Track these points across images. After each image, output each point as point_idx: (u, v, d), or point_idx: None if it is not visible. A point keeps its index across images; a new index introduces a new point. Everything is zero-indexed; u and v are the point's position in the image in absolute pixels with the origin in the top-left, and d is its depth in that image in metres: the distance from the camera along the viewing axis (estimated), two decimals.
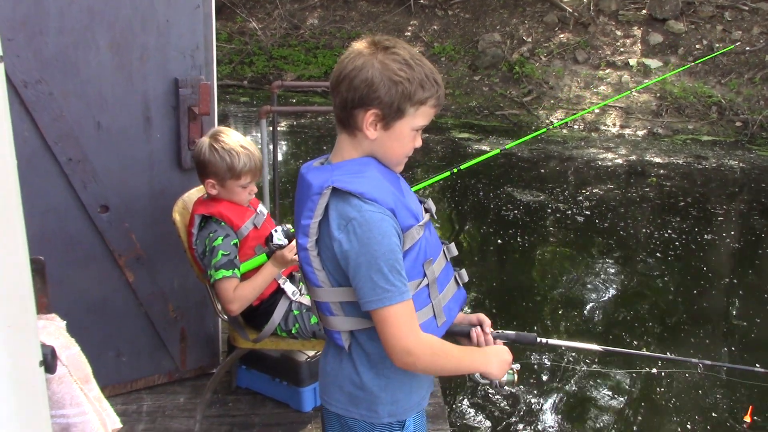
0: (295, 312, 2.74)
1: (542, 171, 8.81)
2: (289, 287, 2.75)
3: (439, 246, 1.80)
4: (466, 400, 4.11)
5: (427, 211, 1.79)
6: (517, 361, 1.90)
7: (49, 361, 1.20)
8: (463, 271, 1.90)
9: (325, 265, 1.66)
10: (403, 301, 1.60)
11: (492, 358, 1.79)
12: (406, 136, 1.67)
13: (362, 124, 1.63)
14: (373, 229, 1.57)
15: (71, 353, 1.55)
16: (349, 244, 1.58)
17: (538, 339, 1.97)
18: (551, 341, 2.04)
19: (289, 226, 2.76)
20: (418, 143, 1.72)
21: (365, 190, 1.60)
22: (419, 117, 1.65)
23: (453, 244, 1.87)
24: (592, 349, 2.24)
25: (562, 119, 11.06)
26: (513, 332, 1.95)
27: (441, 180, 4.27)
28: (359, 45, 1.64)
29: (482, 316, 1.93)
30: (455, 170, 3.93)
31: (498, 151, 4.37)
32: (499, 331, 1.94)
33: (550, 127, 5.53)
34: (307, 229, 1.63)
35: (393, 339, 1.61)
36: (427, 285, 1.70)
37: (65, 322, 1.65)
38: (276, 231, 2.71)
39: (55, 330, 1.59)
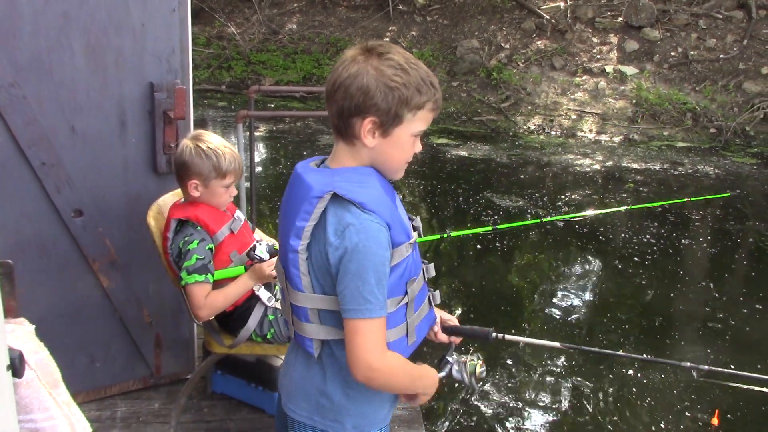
0: (270, 317, 2.74)
1: (521, 177, 8.86)
2: (264, 293, 2.74)
3: (420, 265, 1.80)
4: (441, 404, 4.12)
5: (414, 229, 1.78)
6: (491, 363, 1.89)
7: (17, 365, 1.20)
8: (437, 293, 1.90)
9: (311, 271, 1.64)
10: (380, 317, 1.59)
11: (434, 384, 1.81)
12: (406, 142, 1.65)
13: (360, 133, 1.61)
14: (369, 238, 1.56)
15: (40, 357, 1.54)
16: (343, 249, 1.56)
17: (493, 334, 1.92)
18: (508, 337, 1.98)
19: (273, 241, 2.76)
20: (418, 148, 1.70)
21: (365, 201, 1.58)
22: (417, 122, 1.63)
23: (432, 264, 1.86)
24: (552, 346, 2.19)
25: (539, 125, 11.14)
26: (468, 327, 1.93)
27: (430, 240, 4.35)
28: (353, 52, 1.62)
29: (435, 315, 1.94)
30: (445, 235, 3.94)
31: (490, 228, 4.42)
32: (455, 326, 1.93)
33: (543, 220, 5.54)
34: (301, 231, 1.61)
35: (359, 352, 1.60)
36: (406, 303, 1.70)
37: (34, 326, 1.63)
38: (260, 243, 2.71)
39: (23, 334, 1.58)
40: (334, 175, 1.62)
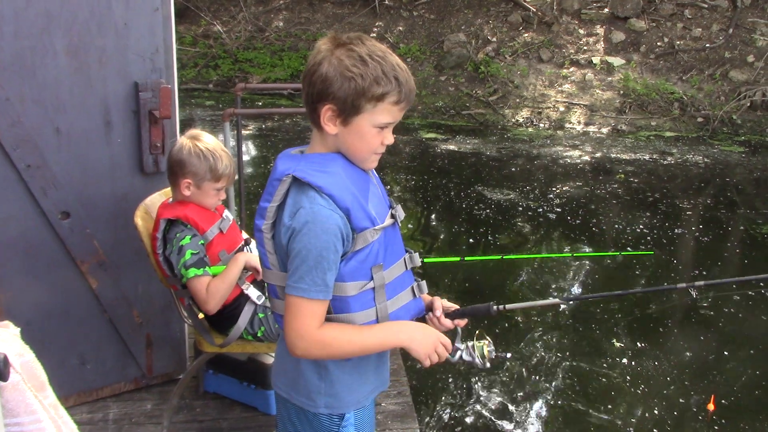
0: (261, 315, 2.73)
1: (512, 169, 8.87)
2: (253, 292, 2.73)
3: (401, 253, 1.80)
4: (435, 398, 4.12)
5: (392, 216, 1.78)
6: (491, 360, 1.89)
7: (2, 368, 1.18)
8: (423, 283, 1.89)
9: (277, 249, 1.70)
10: (313, 299, 1.63)
11: (415, 334, 1.76)
12: (367, 132, 1.66)
13: (321, 119, 1.65)
14: (316, 223, 1.60)
15: (25, 360, 1.52)
16: (292, 229, 1.62)
17: (494, 307, 1.91)
18: (508, 306, 1.96)
19: None
20: (389, 141, 1.71)
21: (323, 185, 1.62)
22: (380, 114, 1.64)
23: (417, 254, 1.86)
24: (554, 303, 2.18)
25: (527, 117, 11.14)
26: (468, 307, 1.93)
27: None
28: (322, 41, 1.67)
29: (434, 300, 1.93)
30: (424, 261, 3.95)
31: (458, 258, 4.47)
32: (456, 309, 1.92)
33: (504, 257, 5.74)
34: (265, 211, 1.69)
35: (288, 326, 1.67)
36: (373, 288, 1.71)
37: (20, 329, 1.62)
38: (249, 244, 2.77)
39: (8, 337, 1.56)
40: (301, 160, 1.69)
